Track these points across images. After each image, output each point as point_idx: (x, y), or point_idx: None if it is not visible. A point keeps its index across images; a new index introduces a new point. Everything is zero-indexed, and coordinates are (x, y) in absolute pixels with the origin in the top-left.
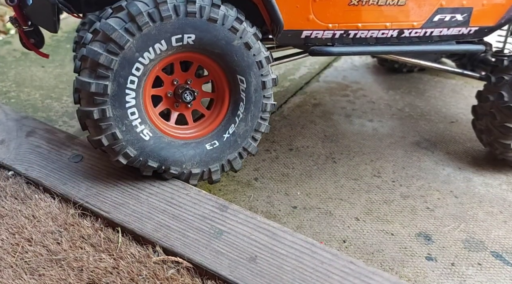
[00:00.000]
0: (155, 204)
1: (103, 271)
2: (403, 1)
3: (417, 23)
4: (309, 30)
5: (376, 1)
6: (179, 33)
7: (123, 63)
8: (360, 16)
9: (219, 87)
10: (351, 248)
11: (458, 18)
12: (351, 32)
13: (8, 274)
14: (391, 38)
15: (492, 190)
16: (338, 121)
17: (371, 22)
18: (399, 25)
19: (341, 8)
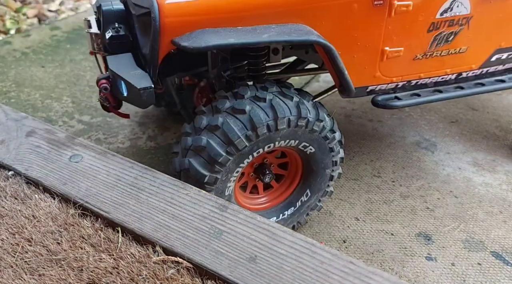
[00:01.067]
0: (155, 204)
1: (103, 271)
2: (464, 49)
3: (476, 65)
4: (374, 85)
5: (439, 53)
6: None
7: (236, 160)
8: (423, 67)
9: (292, 169)
10: (351, 248)
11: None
12: (413, 81)
13: (8, 274)
14: (450, 80)
15: (492, 190)
16: (338, 121)
17: (433, 71)
18: (458, 69)
19: (406, 63)
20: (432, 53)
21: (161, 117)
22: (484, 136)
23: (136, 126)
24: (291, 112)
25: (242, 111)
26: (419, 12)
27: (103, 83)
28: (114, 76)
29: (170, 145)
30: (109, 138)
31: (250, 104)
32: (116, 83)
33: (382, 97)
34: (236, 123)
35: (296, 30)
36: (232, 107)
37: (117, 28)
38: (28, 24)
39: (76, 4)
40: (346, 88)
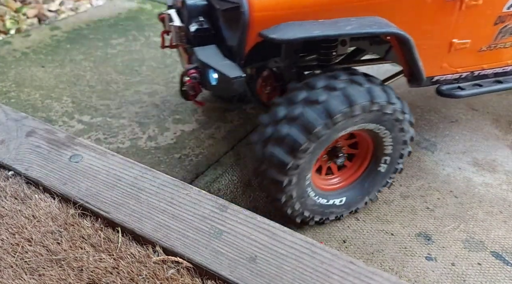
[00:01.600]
0: (155, 204)
1: (103, 271)
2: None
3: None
4: (440, 75)
5: (503, 45)
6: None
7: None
8: (486, 58)
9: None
10: (351, 248)
11: None
12: (476, 72)
13: (8, 274)
14: (509, 72)
15: (492, 190)
16: None
17: (495, 62)
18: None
19: (471, 55)
20: (496, 45)
21: (161, 117)
22: (484, 136)
23: (136, 126)
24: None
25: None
26: (488, 6)
27: (193, 73)
28: (204, 66)
29: (170, 145)
30: (109, 138)
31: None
32: (204, 72)
33: (446, 87)
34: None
35: (376, 23)
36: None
37: (201, 22)
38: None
39: (76, 4)
40: (417, 77)
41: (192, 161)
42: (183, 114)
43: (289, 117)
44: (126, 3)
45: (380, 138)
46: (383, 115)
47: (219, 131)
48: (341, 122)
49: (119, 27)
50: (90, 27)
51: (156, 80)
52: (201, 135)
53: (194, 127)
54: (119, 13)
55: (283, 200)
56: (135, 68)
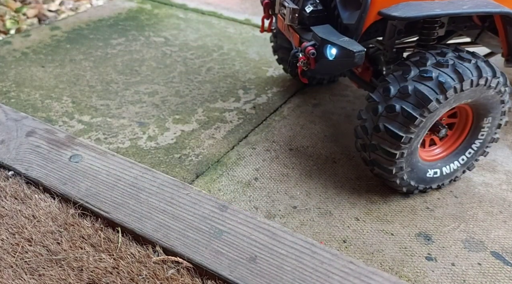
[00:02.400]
0: (155, 204)
1: (103, 271)
2: None
3: None
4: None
5: None
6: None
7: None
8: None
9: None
10: (351, 248)
11: None
12: None
13: (8, 274)
14: None
15: (492, 190)
16: (338, 121)
17: None
18: None
19: None
20: None
21: (161, 117)
22: None
23: (136, 126)
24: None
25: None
26: None
27: (310, 49)
28: (323, 42)
29: (170, 145)
30: (109, 138)
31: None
32: (322, 49)
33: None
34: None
35: (489, 4)
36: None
37: (316, 3)
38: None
39: (76, 4)
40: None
41: (192, 161)
42: (183, 114)
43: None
44: (126, 3)
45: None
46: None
47: (219, 131)
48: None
49: (119, 27)
50: (90, 27)
51: (156, 80)
52: (201, 135)
53: (194, 127)
54: (119, 13)
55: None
56: (135, 68)
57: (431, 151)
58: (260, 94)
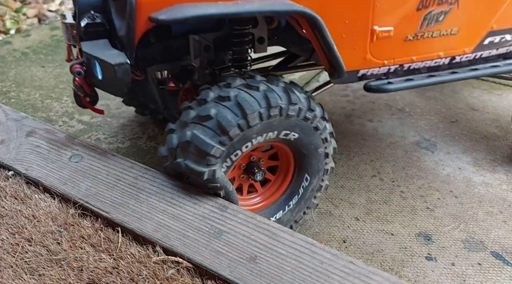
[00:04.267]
0: (155, 204)
1: (103, 271)
2: (456, 30)
3: (468, 49)
4: (366, 69)
5: (431, 33)
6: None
7: (229, 150)
8: (415, 49)
9: (283, 159)
10: (351, 248)
11: (507, 38)
12: (406, 65)
13: (8, 274)
14: (443, 65)
15: (492, 190)
16: (338, 121)
17: (425, 54)
18: (451, 52)
19: (397, 45)
20: (423, 34)
21: (161, 118)
22: (484, 136)
23: (136, 126)
24: (260, 105)
25: (208, 117)
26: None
27: (76, 67)
28: (88, 59)
29: None
30: (109, 138)
31: (216, 107)
32: (90, 66)
33: (375, 82)
34: (205, 132)
35: (280, 3)
36: (198, 115)
37: (93, 16)
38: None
39: None
40: (336, 68)
41: None
42: None
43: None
44: None
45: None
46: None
47: None
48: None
49: None
50: None
51: None
52: None
53: None
54: None
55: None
56: None
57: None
58: None
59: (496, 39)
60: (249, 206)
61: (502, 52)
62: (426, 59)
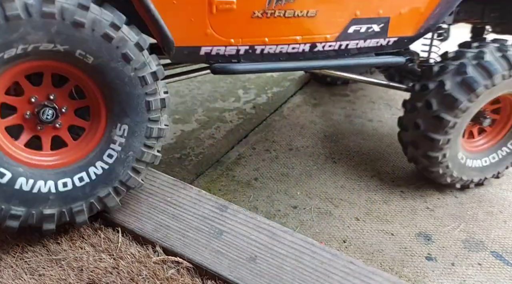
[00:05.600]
0: (155, 204)
1: (103, 271)
2: (313, 13)
3: (331, 36)
4: (208, 46)
5: (282, 13)
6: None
7: None
8: (267, 30)
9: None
10: (351, 248)
11: (375, 29)
12: (258, 48)
13: (8, 274)
14: (304, 52)
15: (492, 190)
16: (338, 121)
17: (279, 36)
18: (311, 38)
19: (243, 21)
20: (273, 12)
21: None
22: None
23: None
24: None
25: None
26: None
27: None
28: None
29: (170, 145)
30: None
31: None
32: None
33: (221, 63)
34: None
35: None
36: None
37: None
38: None
39: None
40: (165, 41)
41: (192, 161)
42: (183, 114)
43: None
44: None
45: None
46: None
47: (219, 131)
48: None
49: None
50: None
51: None
52: (201, 135)
53: (194, 127)
54: None
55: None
56: None
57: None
58: (260, 94)
59: (362, 28)
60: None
61: (372, 45)
62: (281, 42)
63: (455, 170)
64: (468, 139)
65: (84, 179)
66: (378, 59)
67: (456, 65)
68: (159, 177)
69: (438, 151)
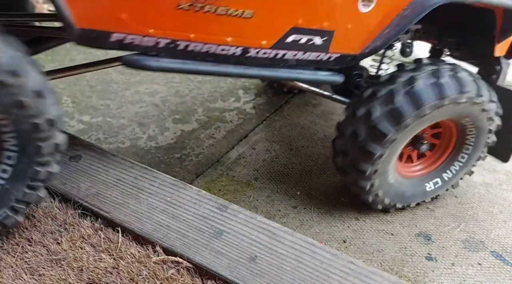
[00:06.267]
0: (155, 204)
1: (103, 271)
2: (249, 14)
3: (267, 43)
4: (120, 33)
5: (214, 9)
6: None
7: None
8: (193, 25)
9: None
10: (351, 248)
11: (317, 42)
12: (181, 43)
13: (8, 274)
14: (235, 56)
15: (492, 190)
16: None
17: (207, 34)
18: (243, 41)
19: (166, 12)
20: (203, 6)
21: (161, 117)
22: None
23: (136, 126)
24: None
25: None
26: None
27: None
28: None
29: (170, 145)
30: (109, 138)
31: None
32: None
33: (136, 56)
34: None
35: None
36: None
37: None
38: None
39: None
40: (62, 19)
41: (192, 161)
42: (183, 114)
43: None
44: None
45: None
46: None
47: (219, 131)
48: None
49: None
50: None
51: (156, 80)
52: (201, 135)
53: (194, 127)
54: None
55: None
56: None
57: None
58: (260, 94)
59: (302, 39)
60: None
61: (312, 58)
62: (209, 41)
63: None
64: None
65: None
66: (313, 76)
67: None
68: (159, 177)
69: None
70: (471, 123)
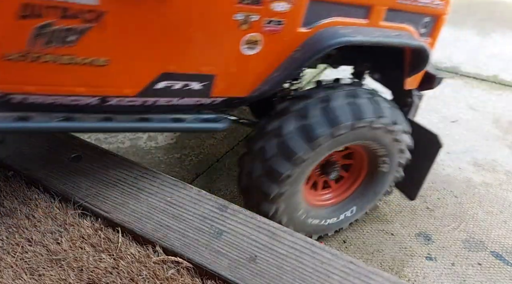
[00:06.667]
0: (155, 204)
1: (103, 271)
2: (104, 62)
3: (131, 90)
4: None
5: (56, 59)
6: None
7: None
8: (32, 76)
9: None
10: (351, 248)
11: (195, 87)
12: (16, 97)
13: (8, 274)
14: (92, 106)
15: (492, 190)
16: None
17: (51, 85)
18: (100, 91)
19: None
20: (40, 55)
21: None
22: (484, 136)
23: None
24: None
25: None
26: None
27: None
28: None
29: (170, 145)
30: (109, 138)
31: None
32: None
33: None
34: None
35: None
36: None
37: None
38: None
39: None
40: None
41: (192, 161)
42: None
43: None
44: None
45: None
46: None
47: None
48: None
49: None
50: None
51: None
52: (201, 135)
53: None
54: None
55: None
56: None
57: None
58: None
59: (175, 85)
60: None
61: (192, 103)
62: (54, 93)
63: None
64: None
65: None
66: (187, 125)
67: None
68: (159, 177)
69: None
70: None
